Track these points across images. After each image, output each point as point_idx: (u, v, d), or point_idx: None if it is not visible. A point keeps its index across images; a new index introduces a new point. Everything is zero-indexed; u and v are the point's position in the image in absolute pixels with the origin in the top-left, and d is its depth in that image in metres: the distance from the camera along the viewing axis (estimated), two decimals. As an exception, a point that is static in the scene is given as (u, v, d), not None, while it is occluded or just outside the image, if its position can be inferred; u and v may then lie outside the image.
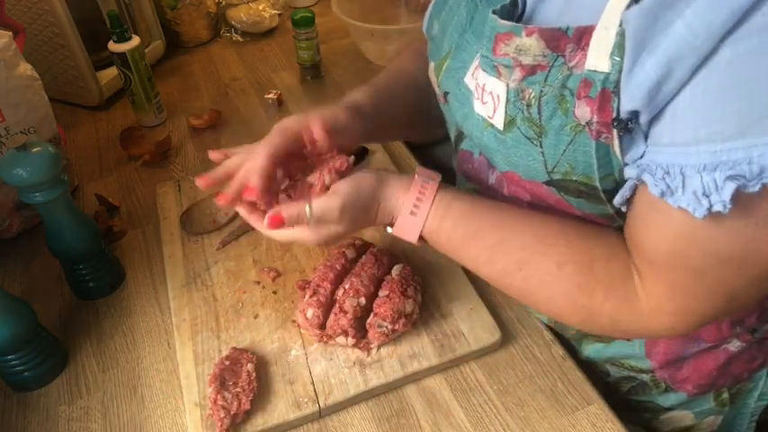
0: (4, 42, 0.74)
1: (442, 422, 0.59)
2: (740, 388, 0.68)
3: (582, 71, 0.44)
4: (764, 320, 0.63)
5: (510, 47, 0.48)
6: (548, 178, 0.50)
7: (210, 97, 1.12)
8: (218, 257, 0.75)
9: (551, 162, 0.49)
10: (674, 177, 0.40)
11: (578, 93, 0.44)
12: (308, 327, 0.63)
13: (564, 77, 0.45)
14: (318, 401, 0.59)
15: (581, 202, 0.51)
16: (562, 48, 0.45)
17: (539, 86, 0.47)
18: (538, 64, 0.46)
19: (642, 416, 0.71)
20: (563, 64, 0.45)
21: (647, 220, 0.45)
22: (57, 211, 0.66)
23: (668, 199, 0.41)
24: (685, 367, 0.65)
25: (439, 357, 0.62)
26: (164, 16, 1.21)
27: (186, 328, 0.67)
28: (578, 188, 0.50)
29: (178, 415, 0.61)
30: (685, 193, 0.40)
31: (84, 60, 1.01)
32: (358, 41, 1.18)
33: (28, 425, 0.62)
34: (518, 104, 0.49)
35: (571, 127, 0.46)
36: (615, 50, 0.41)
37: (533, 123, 0.48)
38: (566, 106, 0.46)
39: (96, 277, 0.73)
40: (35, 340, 0.63)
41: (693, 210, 0.39)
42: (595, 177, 0.47)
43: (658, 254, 0.45)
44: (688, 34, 0.37)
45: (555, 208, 0.55)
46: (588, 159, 0.46)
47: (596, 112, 0.44)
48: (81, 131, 1.04)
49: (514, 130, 0.50)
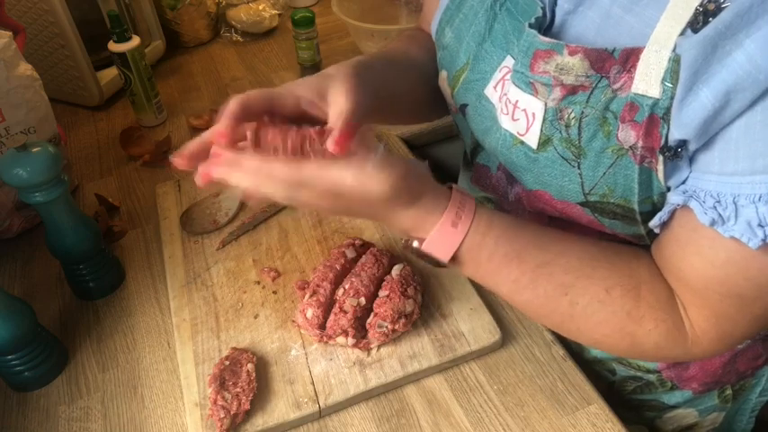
0: (4, 42, 0.74)
1: (442, 422, 0.59)
2: (743, 384, 0.69)
3: (627, 94, 0.43)
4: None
5: (550, 65, 0.46)
6: (583, 200, 0.49)
7: (210, 97, 1.12)
8: (218, 257, 0.75)
9: (589, 184, 0.47)
10: (726, 207, 0.40)
11: (622, 116, 0.43)
12: (308, 327, 0.64)
13: (607, 99, 0.44)
14: (318, 401, 0.59)
15: (614, 223, 0.50)
16: (607, 69, 0.44)
17: (579, 107, 0.45)
18: (580, 84, 0.45)
19: (646, 414, 0.71)
20: (607, 86, 0.44)
21: (689, 247, 0.44)
22: (57, 211, 0.66)
23: (719, 228, 0.40)
24: (692, 366, 0.65)
25: (439, 357, 0.62)
26: (164, 16, 1.21)
27: (186, 328, 0.67)
28: (614, 210, 0.49)
29: (178, 415, 0.61)
30: (738, 223, 0.39)
31: (85, 60, 1.01)
32: (358, 41, 1.18)
33: (28, 425, 0.62)
34: (556, 124, 0.47)
35: (613, 150, 0.45)
36: (668, 76, 0.40)
37: (572, 144, 0.47)
38: (608, 129, 0.44)
39: (96, 277, 0.73)
40: (35, 340, 0.63)
41: (748, 240, 0.39)
42: (635, 201, 0.46)
43: (704, 281, 0.45)
44: (750, 67, 0.36)
45: (584, 226, 0.53)
46: (630, 183, 0.45)
47: (642, 137, 0.43)
48: (81, 131, 1.04)
49: (550, 150, 0.48)
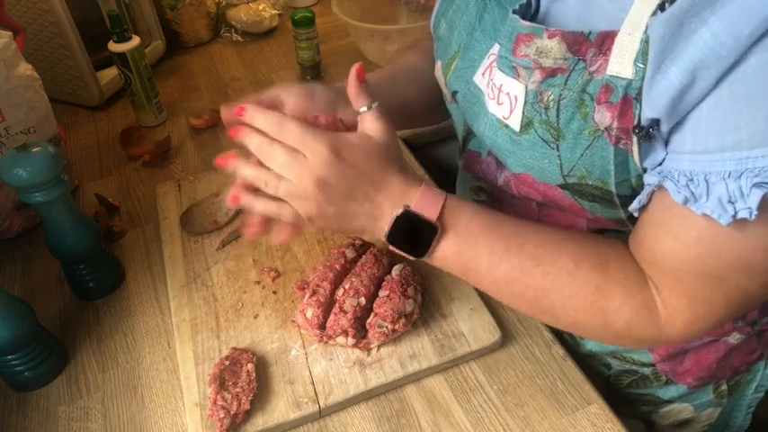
0: (4, 42, 0.74)
1: (442, 422, 0.59)
2: (738, 380, 0.69)
3: (603, 76, 0.44)
4: (765, 314, 0.64)
5: (530, 48, 0.47)
6: (562, 182, 0.50)
7: (210, 97, 1.12)
8: (218, 257, 0.75)
9: (567, 165, 0.48)
10: (698, 184, 0.40)
11: (598, 98, 0.44)
12: (308, 327, 0.64)
13: (584, 82, 0.45)
14: (318, 401, 0.59)
15: (594, 205, 0.51)
16: (583, 52, 0.44)
17: (558, 89, 0.46)
18: (558, 67, 0.46)
19: (641, 409, 0.71)
20: (584, 68, 0.45)
21: (663, 227, 0.45)
22: (57, 211, 0.66)
23: (692, 206, 0.41)
24: (686, 360, 0.65)
25: (439, 357, 0.62)
26: (164, 16, 1.21)
27: (186, 328, 0.67)
28: (593, 192, 0.49)
29: (178, 415, 0.61)
30: (710, 200, 0.40)
31: (85, 60, 1.01)
32: (358, 41, 1.18)
33: (28, 425, 0.62)
34: (536, 107, 0.48)
35: (590, 131, 0.45)
36: (639, 57, 0.41)
37: (551, 126, 0.48)
38: (585, 111, 0.45)
39: (96, 277, 0.73)
40: (35, 340, 0.63)
41: (718, 216, 0.39)
42: (611, 182, 0.47)
43: (675, 261, 0.45)
44: (714, 43, 0.37)
45: (566, 210, 0.54)
46: (606, 165, 0.46)
47: (617, 118, 0.43)
48: (81, 131, 1.04)
49: (531, 132, 0.49)
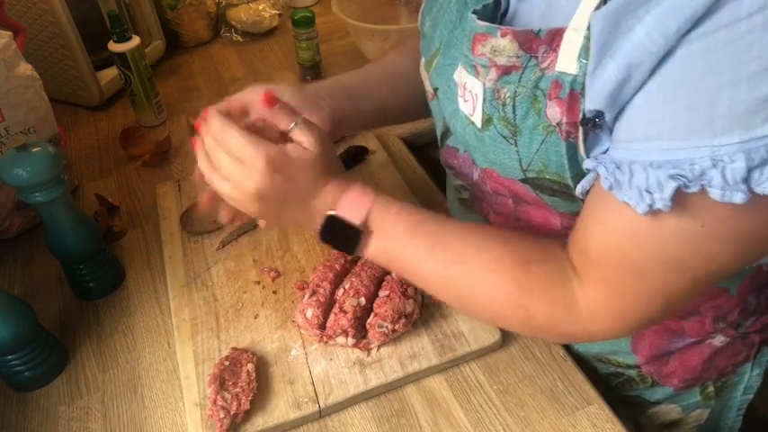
0: (4, 42, 0.74)
1: (442, 422, 0.59)
2: (725, 381, 0.69)
3: (553, 72, 0.45)
4: (747, 315, 0.64)
5: (486, 47, 0.49)
6: (523, 176, 0.51)
7: (210, 97, 1.12)
8: (218, 257, 0.75)
9: (525, 161, 0.50)
10: (624, 172, 0.41)
11: (549, 93, 0.45)
12: (308, 327, 0.64)
13: (536, 78, 0.46)
14: (318, 401, 0.59)
15: (555, 200, 0.52)
16: (534, 49, 0.46)
17: (513, 86, 0.48)
18: (512, 65, 0.47)
19: (630, 410, 0.72)
20: (536, 65, 0.46)
21: (594, 213, 0.46)
22: (57, 211, 0.66)
23: (616, 192, 0.41)
24: (671, 362, 0.66)
25: (439, 357, 0.62)
26: (164, 16, 1.21)
27: (186, 328, 0.67)
28: (552, 186, 0.50)
29: (178, 415, 0.61)
30: (631, 188, 0.40)
31: (85, 60, 1.01)
32: (358, 41, 1.18)
33: (28, 425, 0.62)
34: (494, 103, 0.50)
35: (543, 127, 0.47)
36: (582, 53, 0.42)
37: (508, 123, 0.49)
38: (538, 106, 0.46)
39: (96, 277, 0.73)
40: (35, 340, 0.63)
41: (635, 204, 0.40)
42: (567, 176, 0.48)
43: (600, 249, 0.46)
44: (647, 40, 0.37)
45: (533, 205, 0.56)
46: (560, 159, 0.47)
47: (565, 113, 0.44)
48: (81, 131, 1.04)
49: (491, 129, 0.51)
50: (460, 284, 0.53)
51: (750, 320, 0.64)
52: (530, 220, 0.59)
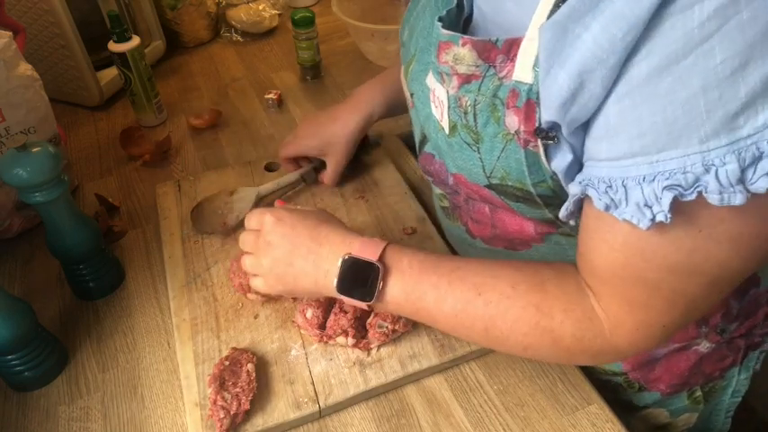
0: (4, 42, 0.74)
1: (442, 422, 0.59)
2: (713, 386, 0.69)
3: (510, 81, 0.45)
4: (730, 320, 0.64)
5: (449, 55, 0.50)
6: (487, 182, 0.52)
7: (210, 97, 1.12)
8: (219, 257, 0.75)
9: (488, 167, 0.50)
10: (617, 190, 0.40)
11: (507, 102, 0.46)
12: (308, 327, 0.64)
13: (495, 87, 0.47)
14: (318, 401, 0.59)
15: (520, 206, 0.53)
16: (493, 58, 0.46)
17: (473, 95, 0.48)
18: (472, 73, 0.48)
19: (620, 413, 0.71)
20: (494, 74, 0.47)
21: (596, 234, 0.45)
22: (57, 211, 0.66)
23: (613, 212, 0.41)
24: (657, 368, 0.66)
25: (439, 357, 0.62)
26: (164, 16, 1.21)
27: (186, 328, 0.67)
28: (515, 193, 0.51)
29: (178, 415, 0.61)
30: (629, 205, 0.40)
31: (85, 60, 1.01)
32: (358, 41, 1.18)
33: (28, 425, 0.62)
34: (457, 111, 0.50)
35: (503, 135, 0.47)
36: (537, 62, 0.42)
37: (471, 130, 0.50)
38: (497, 115, 0.47)
39: (96, 277, 0.73)
40: (35, 340, 0.63)
41: (638, 221, 0.39)
42: (528, 183, 0.48)
43: (609, 267, 0.45)
44: (595, 47, 0.37)
45: (506, 210, 0.56)
46: (520, 167, 0.48)
47: (523, 121, 0.45)
48: (81, 131, 1.04)
49: (457, 135, 0.52)
50: (483, 317, 0.51)
51: (734, 325, 0.64)
52: (506, 228, 0.59)
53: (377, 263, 0.54)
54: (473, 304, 0.52)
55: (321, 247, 0.56)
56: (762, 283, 0.64)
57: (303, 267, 0.57)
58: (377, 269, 0.54)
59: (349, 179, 0.86)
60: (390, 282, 0.54)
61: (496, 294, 0.51)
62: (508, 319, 0.50)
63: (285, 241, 0.57)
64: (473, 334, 0.54)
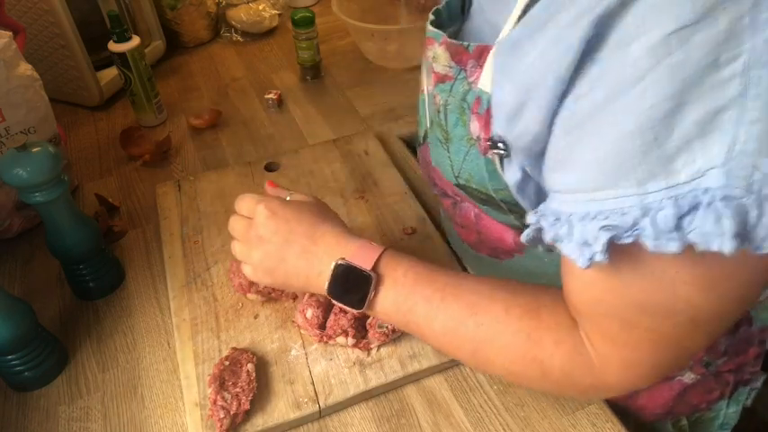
0: (4, 42, 0.74)
1: (442, 422, 0.59)
2: (700, 417, 0.68)
3: (477, 88, 0.46)
4: (717, 355, 0.62)
5: (430, 52, 0.50)
6: (456, 182, 0.52)
7: (210, 97, 1.12)
8: (219, 257, 0.75)
9: (456, 168, 0.51)
10: (563, 225, 0.39)
11: (473, 108, 0.46)
12: (308, 327, 0.64)
13: (465, 91, 0.47)
14: (318, 401, 0.59)
15: (487, 209, 0.53)
16: (464, 62, 0.47)
17: (445, 95, 0.49)
18: (446, 74, 0.49)
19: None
20: (464, 78, 0.47)
21: (566, 268, 0.44)
22: (57, 211, 0.66)
23: (559, 246, 0.39)
24: (640, 397, 0.65)
25: (439, 357, 0.62)
26: (164, 16, 1.21)
27: (186, 328, 0.67)
28: (479, 196, 0.51)
29: (178, 415, 0.61)
30: (572, 242, 0.38)
31: (85, 60, 1.01)
32: (358, 41, 1.18)
33: (28, 425, 0.62)
34: (432, 108, 0.51)
35: (467, 139, 0.48)
36: None
37: (442, 129, 0.51)
38: (464, 118, 0.48)
39: (96, 277, 0.73)
40: (35, 340, 0.63)
41: (576, 259, 0.37)
42: (489, 188, 0.49)
43: (586, 302, 0.44)
44: (538, 64, 0.38)
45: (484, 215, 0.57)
46: (481, 171, 0.48)
47: (483, 129, 0.45)
48: (81, 131, 1.04)
49: (434, 131, 0.53)
50: (473, 340, 0.50)
51: (722, 360, 0.63)
52: (489, 235, 0.59)
53: (370, 272, 0.52)
54: (464, 324, 0.50)
55: (316, 247, 0.55)
56: (754, 323, 0.62)
57: (296, 265, 0.55)
58: (370, 279, 0.52)
59: (349, 179, 0.86)
60: (382, 291, 0.53)
61: (489, 317, 0.49)
62: (497, 344, 0.48)
63: (278, 237, 0.55)
64: (460, 354, 0.52)
